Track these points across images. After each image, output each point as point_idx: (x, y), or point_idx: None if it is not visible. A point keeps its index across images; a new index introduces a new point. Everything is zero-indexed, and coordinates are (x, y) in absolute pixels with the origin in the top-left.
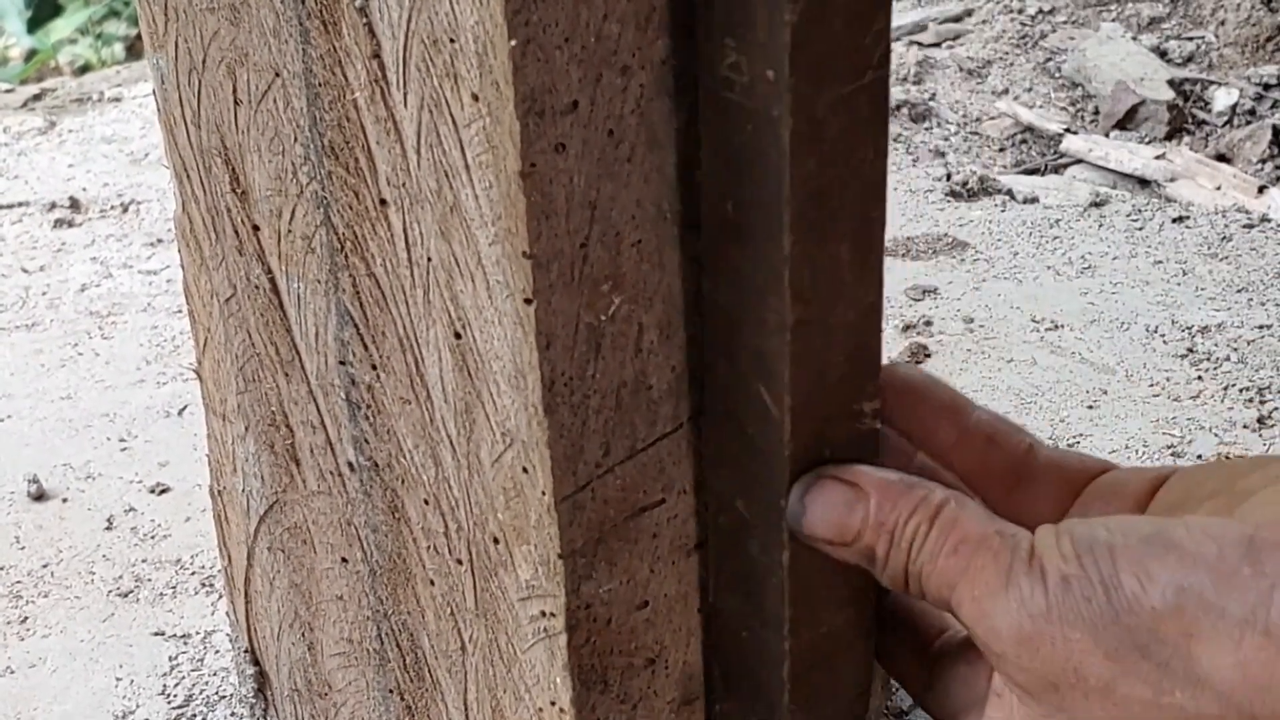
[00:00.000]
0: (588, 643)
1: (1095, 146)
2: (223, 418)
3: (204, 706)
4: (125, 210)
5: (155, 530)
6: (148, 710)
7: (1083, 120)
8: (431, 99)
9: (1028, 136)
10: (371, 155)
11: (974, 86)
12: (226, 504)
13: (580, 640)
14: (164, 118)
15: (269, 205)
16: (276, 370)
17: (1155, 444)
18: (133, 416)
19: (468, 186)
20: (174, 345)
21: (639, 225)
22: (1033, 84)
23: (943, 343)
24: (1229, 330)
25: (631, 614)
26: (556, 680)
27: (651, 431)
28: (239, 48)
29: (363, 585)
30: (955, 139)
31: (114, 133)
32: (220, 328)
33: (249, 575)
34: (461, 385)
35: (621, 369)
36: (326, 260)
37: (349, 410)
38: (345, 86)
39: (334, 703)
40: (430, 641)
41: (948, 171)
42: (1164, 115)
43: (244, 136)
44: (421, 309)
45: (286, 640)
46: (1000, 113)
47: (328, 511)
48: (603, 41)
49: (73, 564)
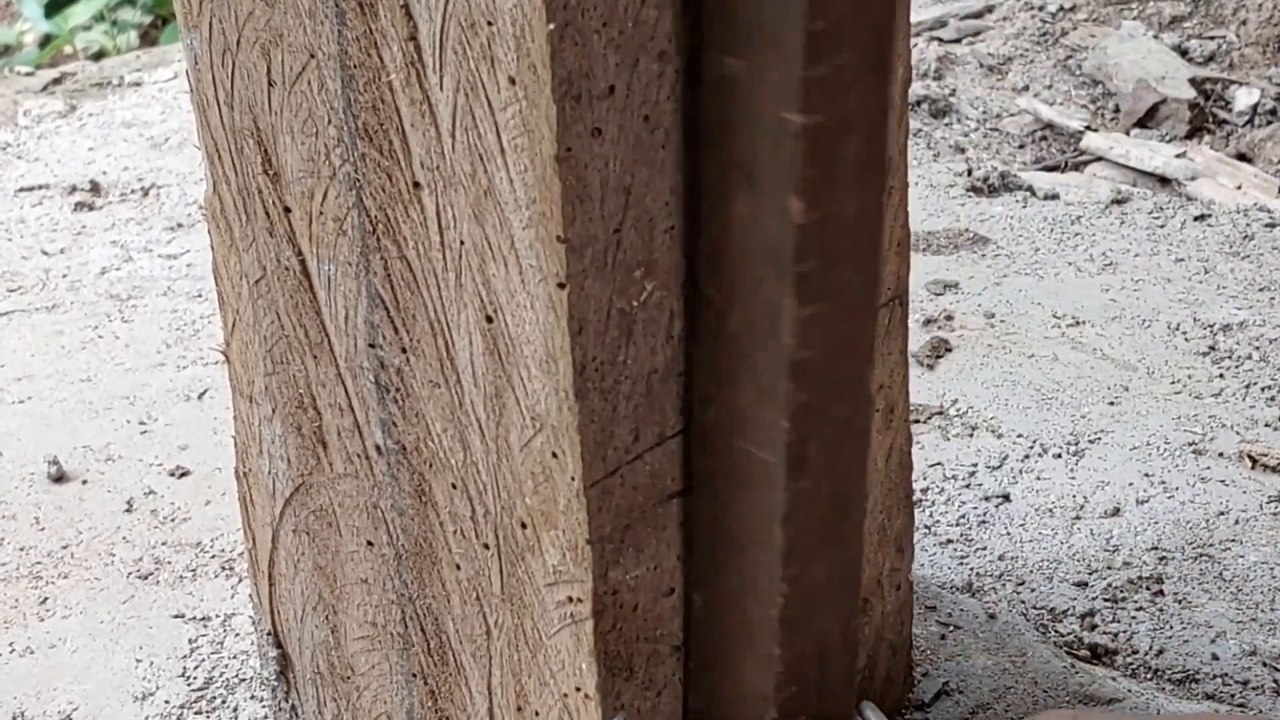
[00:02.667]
0: (614, 629)
1: (1116, 144)
2: (249, 399)
3: (224, 689)
4: (145, 194)
5: (175, 513)
6: (168, 692)
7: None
8: (468, 82)
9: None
10: (405, 138)
11: (994, 83)
12: (252, 486)
13: (606, 626)
14: (196, 98)
15: (301, 187)
16: (305, 352)
17: (1177, 441)
18: (153, 399)
19: (502, 170)
20: (194, 329)
21: (672, 212)
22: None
23: (964, 337)
24: (1251, 328)
25: (658, 600)
26: (582, 666)
27: (681, 419)
28: (274, 29)
29: (388, 569)
30: (975, 135)
31: (134, 117)
32: (249, 309)
33: (273, 558)
34: (492, 369)
35: (653, 355)
36: (358, 243)
37: (377, 393)
38: (381, 69)
39: (356, 686)
40: (455, 626)
41: (968, 167)
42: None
43: (277, 118)
44: (453, 292)
45: (310, 623)
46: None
47: (354, 494)
48: (640, 27)
49: (93, 545)
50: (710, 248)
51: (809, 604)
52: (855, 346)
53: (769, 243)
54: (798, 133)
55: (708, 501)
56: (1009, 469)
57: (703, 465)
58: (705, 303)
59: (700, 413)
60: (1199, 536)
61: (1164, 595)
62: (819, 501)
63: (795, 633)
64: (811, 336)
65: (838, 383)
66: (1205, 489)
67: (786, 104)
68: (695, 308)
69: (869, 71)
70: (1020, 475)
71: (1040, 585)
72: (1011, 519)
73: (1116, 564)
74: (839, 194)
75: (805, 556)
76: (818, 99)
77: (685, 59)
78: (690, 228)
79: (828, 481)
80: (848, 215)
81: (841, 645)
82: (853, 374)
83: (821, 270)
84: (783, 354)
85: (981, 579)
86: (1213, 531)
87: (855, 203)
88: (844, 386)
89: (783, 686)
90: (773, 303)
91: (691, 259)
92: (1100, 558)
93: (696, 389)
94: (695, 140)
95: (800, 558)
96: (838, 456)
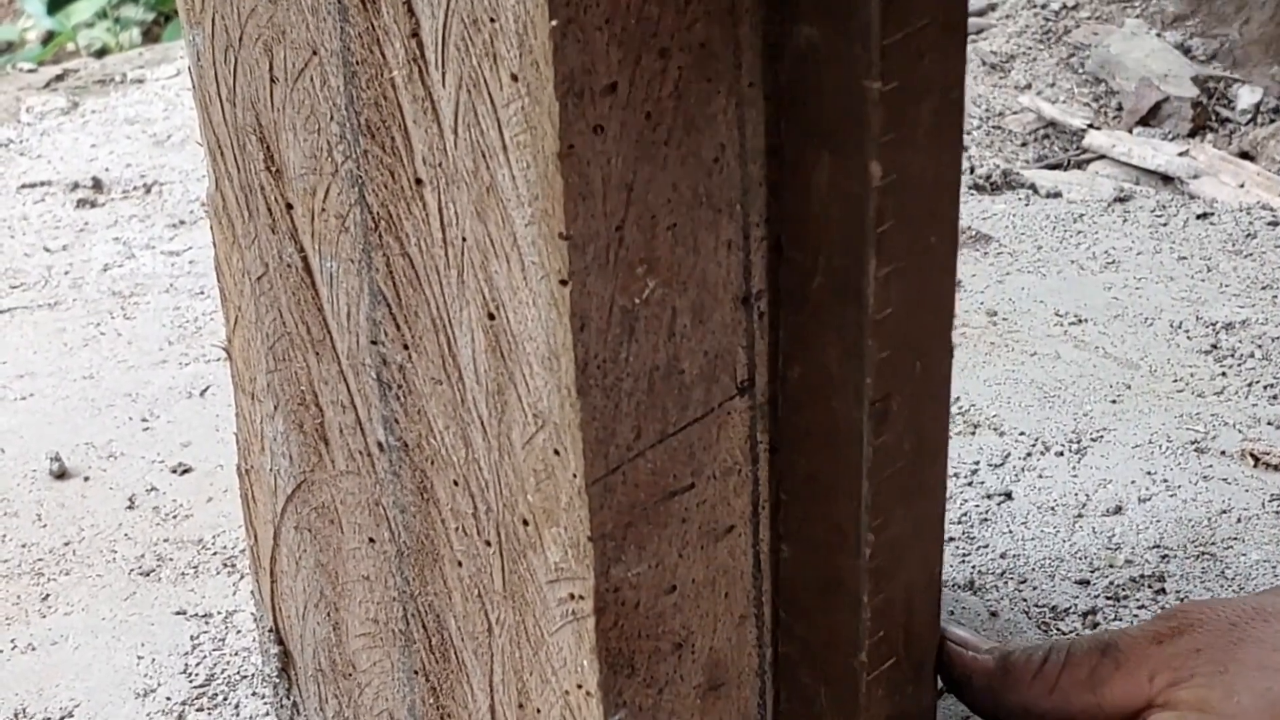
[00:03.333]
0: (615, 626)
1: (1118, 142)
2: (252, 396)
3: (225, 686)
4: (148, 191)
5: (177, 510)
6: (169, 689)
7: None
8: (470, 78)
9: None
10: (408, 134)
11: (997, 81)
12: (254, 483)
13: (608, 623)
14: (199, 95)
15: (303, 183)
16: (307, 349)
17: (1179, 439)
18: (155, 397)
19: (505, 167)
20: (196, 327)
21: (674, 209)
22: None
23: (966, 335)
24: (1253, 327)
25: (660, 598)
26: (584, 663)
27: (683, 416)
28: (276, 25)
29: (390, 566)
30: (978, 133)
31: (137, 114)
32: (251, 306)
33: (275, 554)
34: (494, 366)
35: (655, 352)
36: (360, 239)
37: (379, 390)
38: (383, 65)
39: (358, 683)
40: (457, 623)
41: (970, 165)
42: (1188, 112)
43: (279, 114)
44: (455, 289)
45: (312, 620)
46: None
47: (356, 491)
48: (642, 23)
49: (94, 542)
50: (794, 213)
51: (894, 553)
52: (935, 303)
53: (850, 206)
54: (876, 99)
55: (796, 457)
56: (1011, 467)
57: (790, 423)
58: (789, 266)
59: (788, 371)
60: (1201, 535)
61: (1166, 594)
62: (902, 454)
63: (882, 580)
64: (892, 295)
65: (919, 339)
66: (1207, 487)
67: (865, 72)
68: (777, 272)
69: (944, 35)
70: (1022, 473)
71: (1042, 583)
72: (1013, 517)
73: (1118, 562)
74: (916, 156)
75: (889, 507)
76: (895, 65)
77: (765, 29)
78: (772, 196)
79: (909, 435)
80: (926, 177)
81: (926, 591)
82: (933, 329)
83: (900, 230)
84: (865, 312)
85: (983, 577)
86: (1215, 530)
87: (933, 164)
88: (925, 342)
89: (871, 632)
90: (854, 263)
91: (777, 225)
92: (1102, 556)
93: (783, 350)
94: (778, 110)
95: (884, 509)
96: (919, 410)
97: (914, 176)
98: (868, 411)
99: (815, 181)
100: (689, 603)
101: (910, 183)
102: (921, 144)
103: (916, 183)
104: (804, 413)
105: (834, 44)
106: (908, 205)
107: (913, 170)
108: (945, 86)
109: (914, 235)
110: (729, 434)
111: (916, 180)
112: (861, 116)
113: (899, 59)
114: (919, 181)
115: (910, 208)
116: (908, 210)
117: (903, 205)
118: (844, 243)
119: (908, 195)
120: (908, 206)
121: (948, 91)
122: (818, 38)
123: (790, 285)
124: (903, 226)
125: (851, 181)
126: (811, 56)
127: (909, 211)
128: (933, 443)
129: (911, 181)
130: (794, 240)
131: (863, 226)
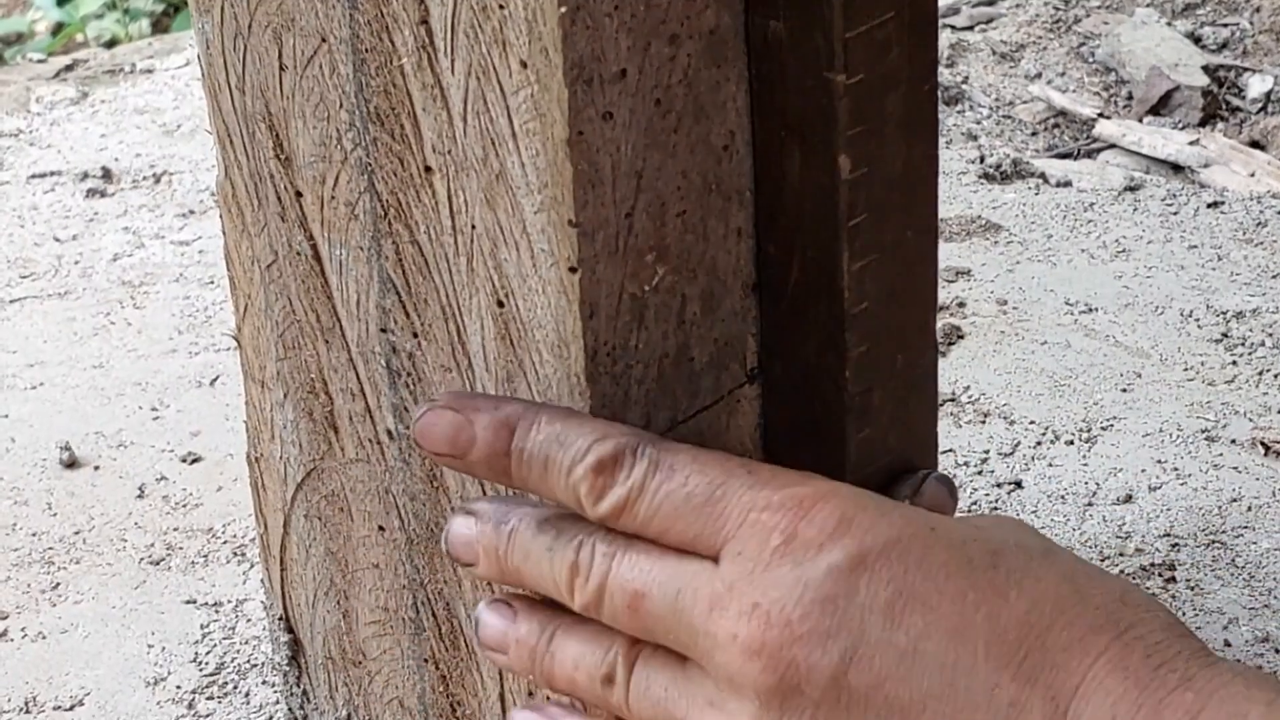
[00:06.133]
0: None
1: (1129, 131)
2: (261, 384)
3: (235, 674)
4: (158, 181)
5: (187, 499)
6: (179, 677)
7: (1116, 105)
8: (479, 66)
9: (1060, 121)
10: (417, 122)
11: (1007, 70)
12: (263, 471)
13: None
14: (208, 83)
15: (312, 171)
16: (317, 337)
17: (1189, 428)
18: (165, 386)
19: (514, 154)
20: (206, 316)
21: (684, 196)
22: (1066, 68)
23: (976, 324)
24: (1264, 315)
25: None
26: None
27: (693, 404)
28: (285, 13)
29: (399, 554)
30: (988, 122)
31: (146, 104)
32: (260, 294)
33: (285, 542)
34: (503, 354)
35: (664, 340)
36: (369, 227)
37: (389, 378)
38: (392, 52)
39: (368, 671)
40: (466, 610)
41: (980, 154)
42: (1198, 101)
43: (288, 102)
44: (465, 277)
45: (321, 608)
46: (1033, 97)
47: (365, 479)
48: (652, 10)
49: (104, 531)
50: (768, 206)
51: None
52: (915, 296)
53: (821, 199)
54: (841, 92)
55: (781, 453)
56: (1021, 456)
57: (775, 417)
58: (767, 260)
59: (769, 366)
60: (1211, 523)
61: (1176, 582)
62: (886, 450)
63: None
64: (868, 288)
65: (899, 332)
66: (1218, 476)
67: (829, 65)
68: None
69: (912, 26)
70: (1032, 462)
71: None
72: (1024, 506)
73: (1129, 551)
74: (887, 149)
75: None
76: (860, 58)
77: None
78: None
79: (893, 431)
80: (899, 169)
81: None
82: (913, 323)
83: (874, 223)
84: (841, 306)
85: None
86: (1225, 518)
87: (906, 156)
88: (905, 336)
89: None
90: (828, 257)
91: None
92: (1112, 545)
93: (765, 343)
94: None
95: None
96: (902, 405)
97: (886, 169)
98: (848, 406)
99: (788, 175)
100: None
101: (882, 176)
102: (893, 136)
103: (889, 175)
104: (786, 408)
105: (798, 37)
106: (881, 198)
107: (885, 163)
108: (916, 78)
109: (889, 228)
110: (738, 421)
111: (889, 173)
112: (829, 110)
113: (864, 51)
114: (892, 174)
115: (884, 201)
116: (881, 203)
117: (875, 198)
118: (817, 236)
119: (880, 188)
120: (881, 199)
121: (919, 83)
122: (783, 31)
123: (769, 279)
124: (876, 220)
125: (822, 175)
126: (779, 49)
127: (883, 204)
128: (920, 435)
129: (884, 174)
130: (770, 234)
131: (835, 220)
